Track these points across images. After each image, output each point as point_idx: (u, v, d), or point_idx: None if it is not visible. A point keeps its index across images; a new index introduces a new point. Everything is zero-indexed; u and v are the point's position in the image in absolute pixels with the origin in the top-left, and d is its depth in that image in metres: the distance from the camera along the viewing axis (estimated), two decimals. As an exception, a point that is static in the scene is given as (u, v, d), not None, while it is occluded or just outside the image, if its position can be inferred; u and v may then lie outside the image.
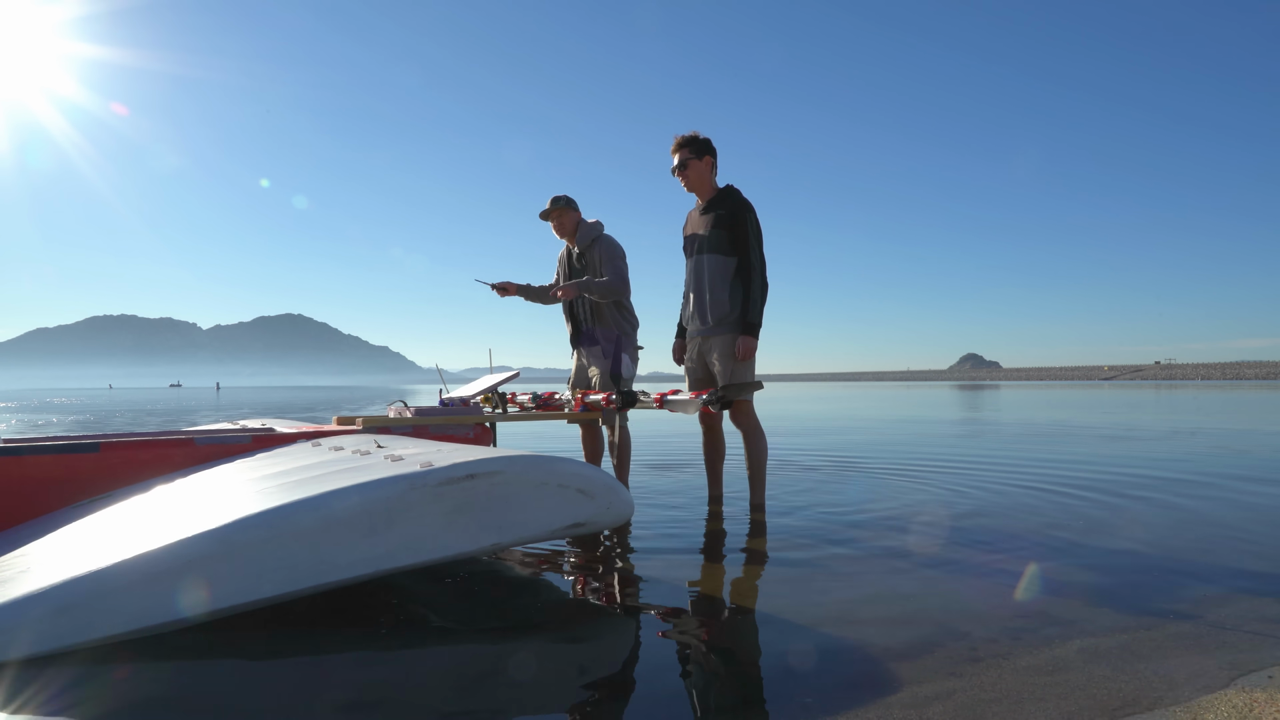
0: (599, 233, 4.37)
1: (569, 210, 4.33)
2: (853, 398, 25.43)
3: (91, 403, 28.16)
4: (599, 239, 4.34)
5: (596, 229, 4.39)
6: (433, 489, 2.07)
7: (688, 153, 3.85)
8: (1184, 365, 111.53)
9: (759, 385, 3.78)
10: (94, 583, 1.76)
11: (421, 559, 2.09)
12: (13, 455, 2.73)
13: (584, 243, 4.35)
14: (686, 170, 3.85)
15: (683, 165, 3.85)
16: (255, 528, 1.89)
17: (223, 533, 1.86)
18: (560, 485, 2.27)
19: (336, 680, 1.76)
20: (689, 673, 1.80)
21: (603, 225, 4.44)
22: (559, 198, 4.35)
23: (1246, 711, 1.54)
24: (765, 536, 3.27)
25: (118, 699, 1.62)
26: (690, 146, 3.85)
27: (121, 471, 2.89)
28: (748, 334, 3.71)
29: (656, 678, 1.76)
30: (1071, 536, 3.24)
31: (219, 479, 2.61)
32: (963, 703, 1.60)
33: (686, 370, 4.02)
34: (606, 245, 4.33)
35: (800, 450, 7.09)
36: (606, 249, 4.32)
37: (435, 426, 3.56)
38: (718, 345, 3.80)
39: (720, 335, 3.78)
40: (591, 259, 4.35)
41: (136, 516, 2.30)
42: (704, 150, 3.85)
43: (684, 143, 3.86)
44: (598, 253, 4.33)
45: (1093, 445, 7.47)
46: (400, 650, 1.91)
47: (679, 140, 3.87)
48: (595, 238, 4.34)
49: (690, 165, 3.84)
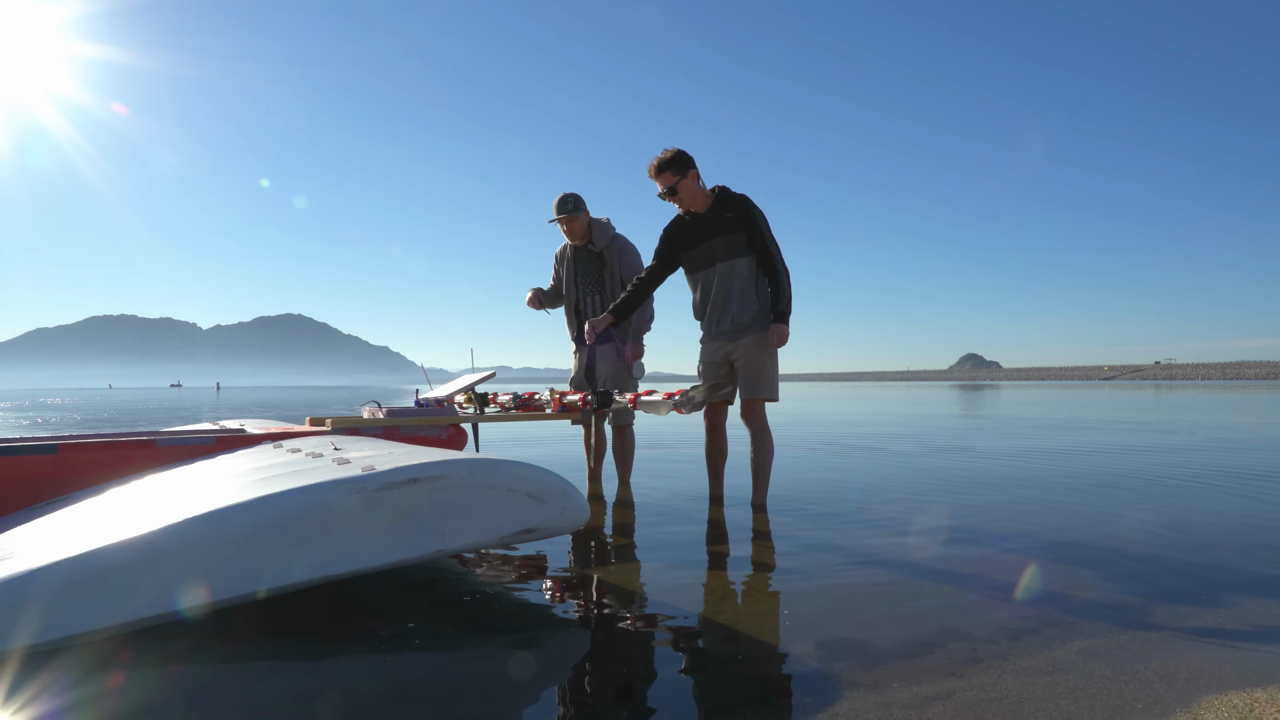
0: (613, 232, 4.40)
1: (579, 214, 4.34)
2: (853, 398, 25.43)
3: (87, 403, 28.14)
4: (615, 239, 4.37)
5: (610, 229, 4.42)
6: (372, 493, 2.01)
7: (672, 175, 3.72)
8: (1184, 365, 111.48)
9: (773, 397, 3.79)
10: (11, 588, 1.68)
11: (360, 566, 2.02)
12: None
13: (601, 244, 4.37)
14: (678, 193, 3.75)
15: (673, 190, 3.74)
16: (182, 535, 1.82)
17: (148, 540, 1.79)
18: (509, 490, 2.20)
19: (331, 685, 1.76)
20: (688, 673, 1.80)
21: (613, 224, 4.46)
22: (566, 200, 4.34)
23: (1246, 711, 1.54)
24: (767, 536, 3.27)
25: (115, 702, 1.62)
26: (672, 168, 3.72)
27: (79, 474, 2.83)
28: (780, 322, 3.70)
29: (656, 679, 1.76)
30: (1071, 536, 3.24)
31: (173, 482, 2.56)
32: (963, 703, 1.60)
33: (704, 372, 3.97)
34: (623, 246, 4.36)
35: (800, 450, 7.09)
36: (624, 251, 4.35)
37: (407, 428, 3.50)
38: (746, 343, 3.77)
39: (750, 335, 3.77)
40: (610, 260, 4.36)
41: (78, 521, 2.23)
42: (686, 166, 3.74)
43: (664, 165, 3.72)
44: (615, 254, 4.35)
45: (1092, 445, 7.46)
46: (399, 653, 1.91)
47: (658, 164, 3.73)
48: (611, 238, 4.37)
49: (680, 187, 3.74)
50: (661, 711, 1.59)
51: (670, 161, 3.73)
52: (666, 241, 3.95)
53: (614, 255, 4.36)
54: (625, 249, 4.37)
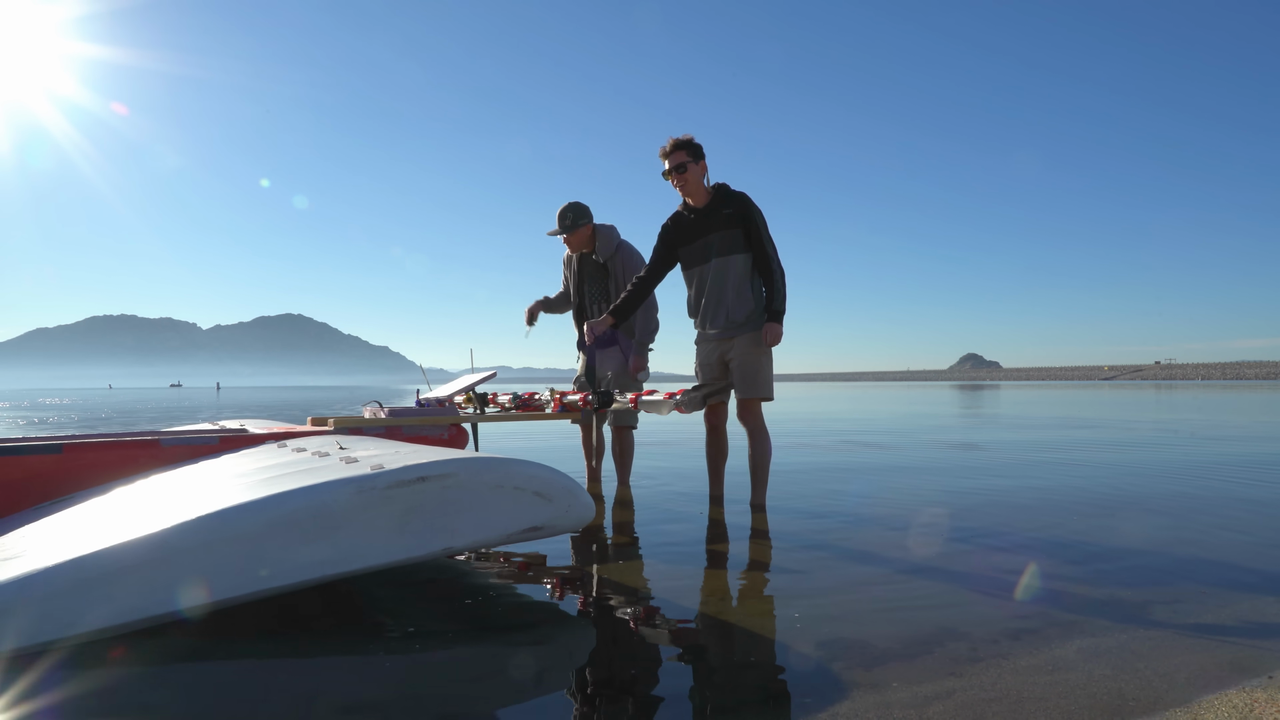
0: (618, 241, 4.39)
1: (578, 230, 4.34)
2: (853, 398, 25.42)
3: (87, 403, 28.14)
4: (620, 247, 4.36)
5: (614, 237, 4.41)
6: (382, 492, 2.01)
7: (685, 155, 3.78)
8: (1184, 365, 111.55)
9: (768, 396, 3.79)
10: (21, 589, 1.68)
11: (371, 563, 2.02)
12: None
13: (606, 252, 4.36)
14: (684, 173, 3.78)
15: (680, 168, 3.78)
16: (195, 533, 1.82)
17: (161, 537, 1.80)
18: (516, 488, 2.20)
19: (329, 684, 1.76)
20: (687, 673, 1.79)
21: (617, 231, 4.46)
22: (565, 215, 4.34)
23: (1246, 711, 1.54)
24: (766, 536, 3.27)
25: (115, 701, 1.62)
26: (688, 149, 3.79)
27: (85, 473, 2.85)
28: (774, 321, 3.71)
29: (655, 678, 1.76)
30: (1071, 536, 3.23)
31: (179, 481, 2.56)
32: (963, 703, 1.60)
33: (700, 371, 3.98)
34: (627, 255, 4.36)
35: (801, 449, 7.09)
36: (628, 260, 4.34)
37: (408, 427, 3.51)
38: (741, 343, 3.78)
39: (744, 333, 3.78)
40: (614, 270, 4.36)
41: (88, 520, 2.23)
42: (699, 154, 3.80)
43: (681, 145, 3.79)
44: (620, 263, 4.35)
45: (1092, 444, 7.46)
46: (397, 654, 1.91)
47: (675, 142, 3.80)
48: (616, 247, 4.36)
49: (689, 168, 3.78)
50: (661, 711, 1.58)
51: (687, 143, 3.80)
52: (665, 238, 3.96)
53: (618, 265, 4.36)
54: (630, 257, 4.37)
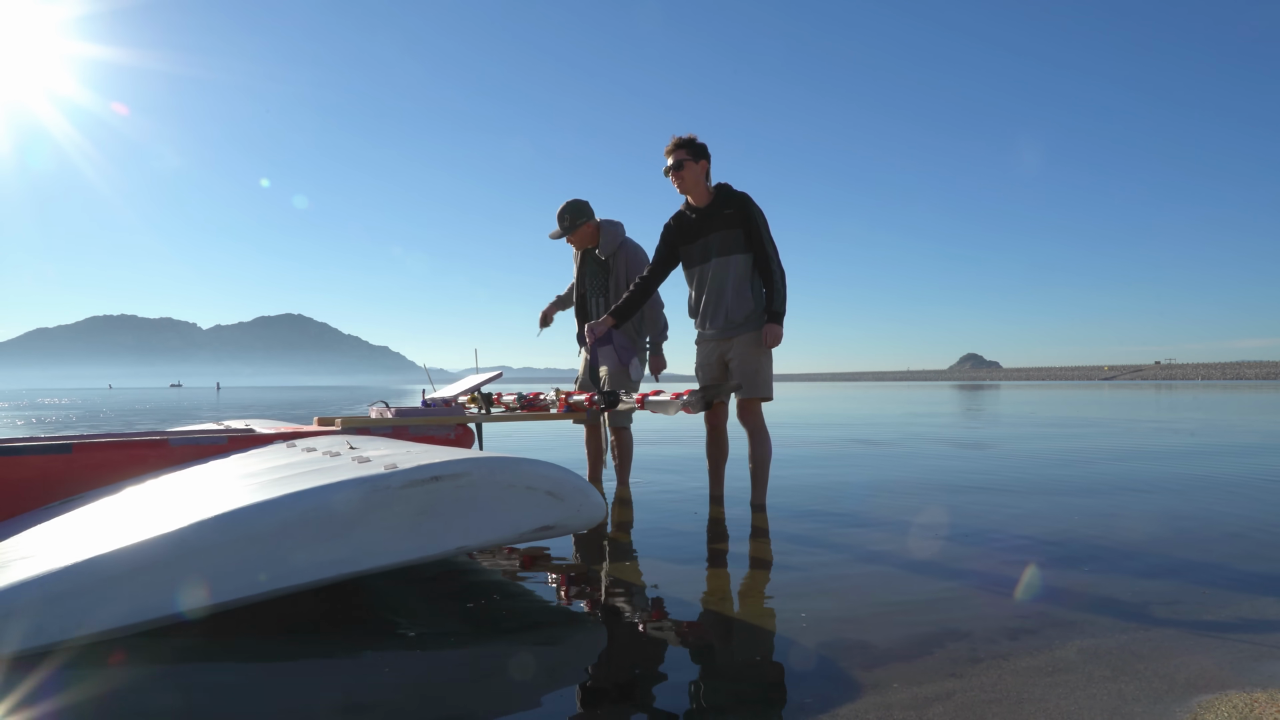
0: (621, 238, 4.40)
1: (577, 230, 4.35)
2: (853, 398, 25.42)
3: (87, 403, 28.15)
4: (623, 245, 4.37)
5: (618, 234, 4.41)
6: (396, 491, 2.02)
7: (685, 154, 3.79)
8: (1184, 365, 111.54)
9: (768, 396, 3.78)
10: (38, 588, 1.69)
11: (385, 563, 2.03)
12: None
13: (609, 250, 4.36)
14: (682, 171, 3.79)
15: (679, 165, 3.78)
16: (211, 531, 1.83)
17: (176, 537, 1.81)
18: (528, 487, 2.21)
19: (332, 684, 1.76)
20: (687, 672, 1.79)
21: (622, 226, 4.46)
22: (564, 214, 4.34)
23: (1247, 711, 1.54)
24: (766, 536, 3.27)
25: (114, 703, 1.62)
26: (688, 148, 3.79)
27: (94, 473, 2.85)
28: (774, 322, 3.72)
29: (655, 678, 1.76)
30: (1072, 536, 3.23)
31: (189, 481, 2.57)
32: (963, 703, 1.60)
33: (700, 372, 3.99)
34: (630, 252, 4.36)
35: (801, 449, 7.09)
36: (631, 258, 4.35)
37: (415, 427, 3.52)
38: (740, 343, 3.79)
39: (744, 333, 3.79)
40: (615, 267, 4.37)
41: (99, 519, 2.24)
42: (701, 154, 3.81)
43: (681, 144, 3.80)
44: (622, 261, 4.35)
45: (1092, 444, 7.46)
46: (399, 653, 1.91)
47: (676, 141, 3.81)
48: (619, 244, 4.37)
49: (687, 167, 3.78)
50: (661, 711, 1.58)
51: (689, 142, 3.81)
52: (666, 237, 3.97)
53: (620, 262, 4.36)
54: (633, 255, 4.36)
